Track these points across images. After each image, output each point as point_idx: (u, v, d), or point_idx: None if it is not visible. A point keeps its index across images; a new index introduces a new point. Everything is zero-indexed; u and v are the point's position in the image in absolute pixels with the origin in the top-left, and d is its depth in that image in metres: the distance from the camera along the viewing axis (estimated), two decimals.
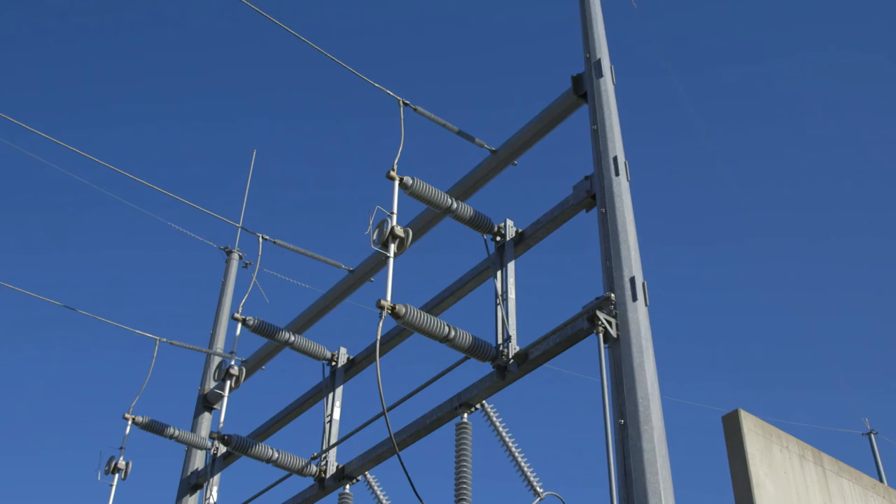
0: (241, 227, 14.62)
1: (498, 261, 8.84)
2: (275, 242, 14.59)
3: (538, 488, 8.36)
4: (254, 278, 11.69)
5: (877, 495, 10.49)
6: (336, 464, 9.88)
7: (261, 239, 13.37)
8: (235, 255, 16.29)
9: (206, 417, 13.63)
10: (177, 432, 12.01)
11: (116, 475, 11.63)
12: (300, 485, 10.37)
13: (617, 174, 8.28)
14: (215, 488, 11.82)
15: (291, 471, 9.90)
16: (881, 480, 16.87)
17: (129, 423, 11.83)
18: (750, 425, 9.36)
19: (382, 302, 7.53)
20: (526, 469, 8.37)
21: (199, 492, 12.88)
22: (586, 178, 8.49)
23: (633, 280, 7.72)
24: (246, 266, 16.55)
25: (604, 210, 8.13)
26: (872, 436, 20.94)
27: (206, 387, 13.99)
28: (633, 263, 7.85)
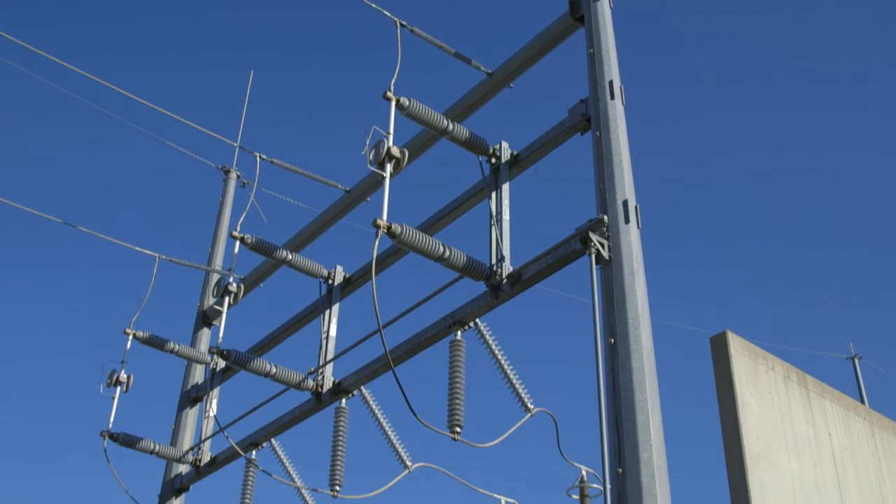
0: (239, 147, 14.69)
1: (493, 182, 8.95)
2: (272, 162, 14.66)
3: (529, 404, 8.60)
4: (251, 197, 11.78)
5: (858, 417, 10.77)
6: (332, 379, 10.11)
7: (258, 158, 13.45)
8: (233, 175, 16.38)
9: (206, 333, 13.86)
10: (177, 347, 12.23)
11: (118, 388, 11.85)
12: (297, 399, 10.63)
13: (612, 98, 8.35)
14: (215, 401, 12.10)
15: (289, 385, 10.13)
16: (863, 403, 17.22)
17: (130, 337, 12.02)
18: (737, 347, 9.58)
19: (378, 221, 7.65)
20: (517, 386, 8.59)
21: (198, 405, 13.17)
22: (581, 101, 8.56)
23: (625, 203, 7.85)
24: (244, 186, 16.66)
25: (598, 133, 8.22)
26: (856, 360, 21.27)
27: (205, 303, 14.19)
28: (626, 186, 7.97)
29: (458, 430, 8.27)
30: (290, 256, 10.75)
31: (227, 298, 11.05)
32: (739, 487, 9.08)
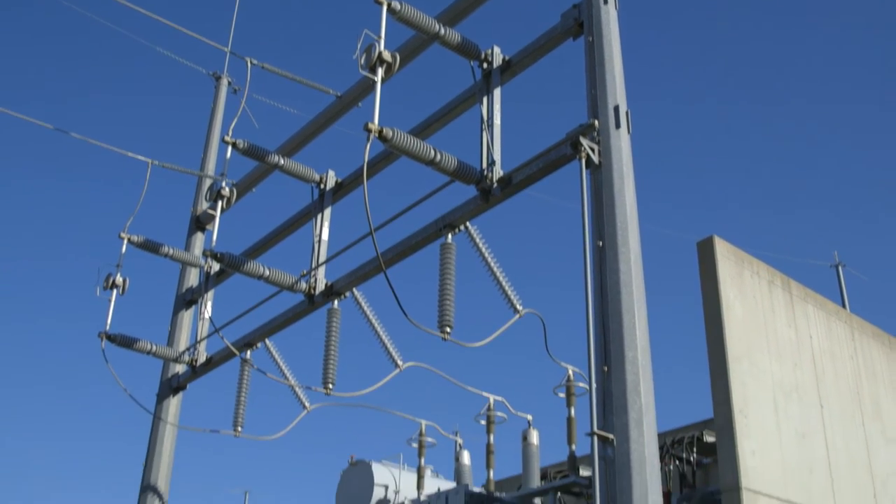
0: (230, 52, 14.64)
1: (484, 87, 8.99)
2: (263, 67, 14.63)
3: (518, 306, 8.79)
4: (243, 103, 11.78)
5: (839, 321, 11.01)
6: (325, 281, 10.28)
7: (249, 63, 13.42)
8: (224, 81, 16.32)
9: (199, 237, 13.99)
10: (171, 251, 12.37)
11: (114, 291, 12.01)
12: (290, 301, 10.82)
13: (605, 2, 8.36)
14: (209, 303, 12.29)
15: (282, 287, 10.31)
16: (844, 308, 17.49)
17: (125, 242, 12.14)
18: (723, 251, 9.76)
19: (370, 125, 7.71)
20: (507, 287, 8.77)
21: (193, 307, 13.38)
22: (574, 6, 8.55)
23: (616, 108, 7.91)
24: (235, 92, 16.62)
25: (591, 38, 8.24)
26: (839, 268, 21.54)
27: (199, 208, 14.29)
28: (617, 92, 8.03)
29: (448, 330, 8.46)
30: (281, 161, 10.82)
31: (219, 203, 11.15)
32: (721, 387, 9.35)
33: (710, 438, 11.35)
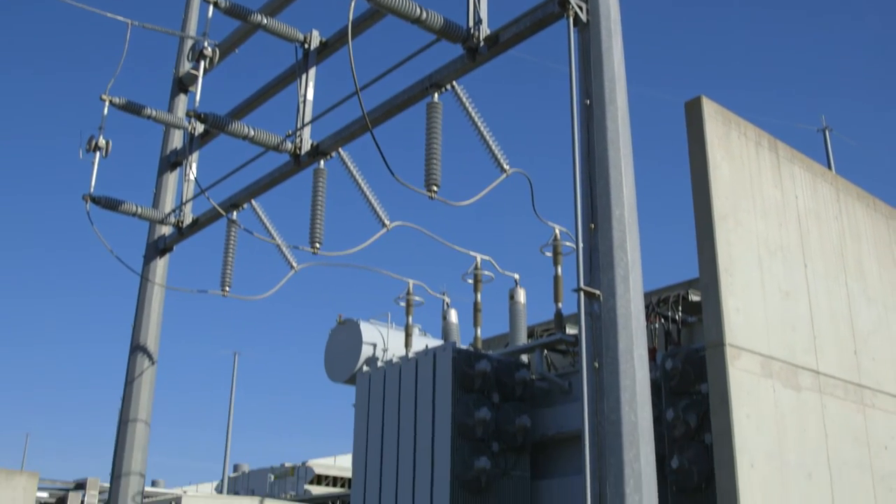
0: None
1: None
2: None
3: (505, 165, 8.76)
4: None
5: (825, 182, 11.02)
6: (311, 141, 10.20)
7: None
8: None
9: (182, 99, 13.80)
10: (154, 112, 12.20)
11: (97, 153, 11.90)
12: (276, 161, 10.75)
13: None
14: (194, 165, 12.22)
15: (267, 147, 10.22)
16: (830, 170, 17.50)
17: (107, 103, 11.96)
18: (711, 111, 9.68)
19: None
20: (494, 147, 8.72)
21: (178, 169, 13.29)
22: None
23: None
24: None
25: None
26: (827, 132, 21.47)
27: (181, 70, 14.05)
28: None
29: (434, 188, 8.44)
30: (264, 21, 10.58)
31: (202, 63, 10.93)
32: (707, 246, 9.41)
33: (695, 297, 11.49)
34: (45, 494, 43.82)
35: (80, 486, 44.86)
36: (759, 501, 9.19)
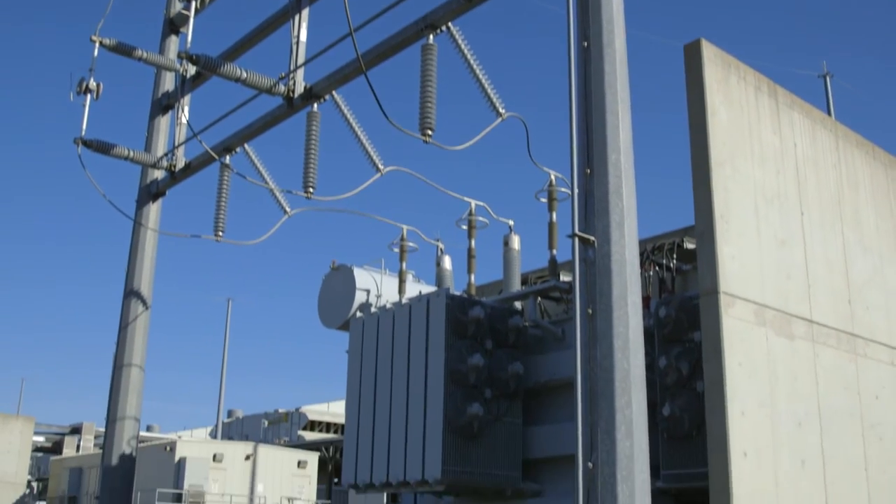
0: None
1: None
2: None
3: (501, 109, 8.65)
4: None
5: (824, 129, 10.92)
6: (304, 84, 10.07)
7: None
8: None
9: (173, 41, 13.62)
10: (145, 54, 12.04)
11: (88, 95, 11.77)
12: (269, 105, 10.63)
13: None
14: (186, 108, 12.08)
15: (260, 90, 10.09)
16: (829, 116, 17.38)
17: (97, 45, 11.80)
18: (710, 55, 9.55)
19: None
20: (489, 90, 8.61)
21: (170, 112, 13.16)
22: None
23: None
24: None
25: None
26: (827, 78, 21.27)
27: (172, 10, 13.86)
28: None
29: (429, 132, 8.35)
30: None
31: (193, 2, 10.79)
32: (703, 192, 9.33)
33: (690, 245, 11.44)
34: (41, 438, 44.18)
35: (76, 430, 45.24)
36: (750, 449, 9.21)
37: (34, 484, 42.17)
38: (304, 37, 10.39)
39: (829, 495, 10.02)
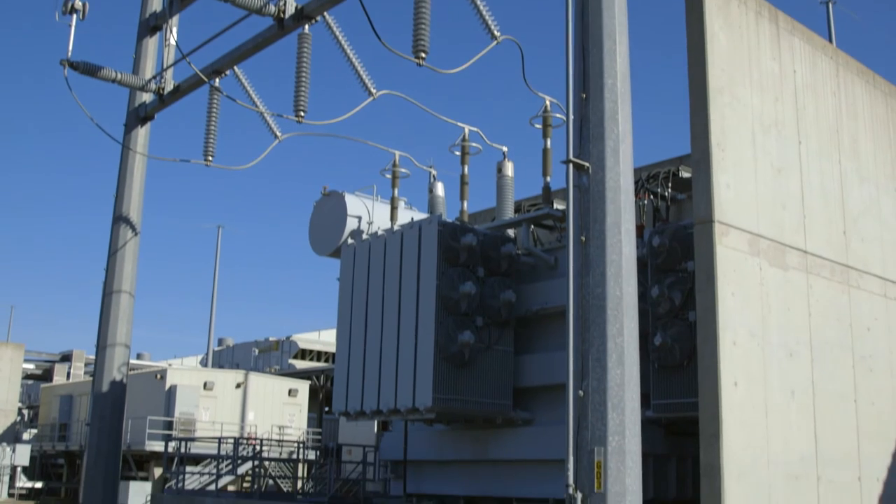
0: None
1: None
2: None
3: (496, 32, 8.45)
4: None
5: (825, 56, 10.74)
6: (295, 4, 9.85)
7: None
8: None
9: None
10: None
11: (74, 15, 11.53)
12: (260, 26, 10.41)
13: None
14: (174, 29, 11.84)
15: (250, 10, 9.87)
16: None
17: None
18: None
19: None
20: (484, 12, 8.41)
21: (158, 34, 12.90)
22: None
23: None
24: None
25: None
26: (829, 4, 20.91)
27: None
28: None
29: (422, 55, 8.18)
30: None
31: None
32: (700, 119, 9.20)
33: (685, 174, 11.33)
34: (31, 366, 44.33)
35: (66, 358, 45.36)
36: (740, 378, 9.21)
37: (25, 411, 42.44)
38: None
39: (817, 426, 10.05)
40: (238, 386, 29.73)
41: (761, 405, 9.43)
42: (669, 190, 11.46)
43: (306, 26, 9.75)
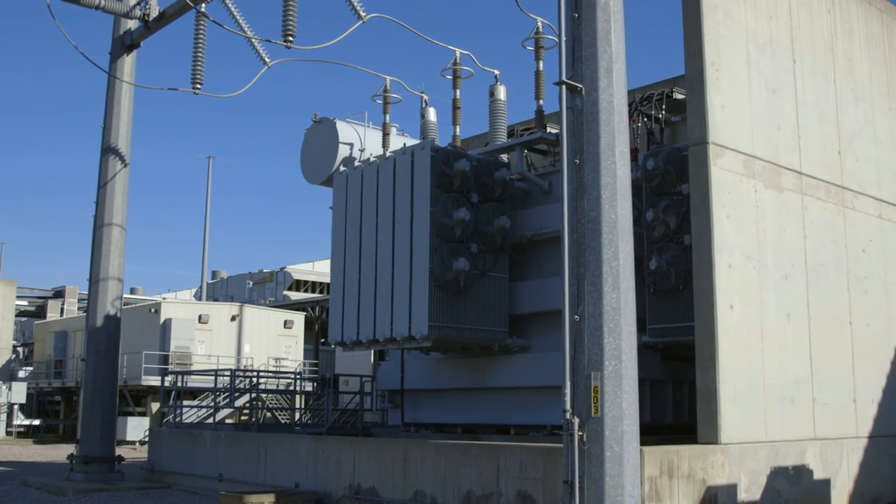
0: None
1: None
2: None
3: None
4: None
5: None
6: None
7: None
8: None
9: None
10: None
11: None
12: None
13: None
14: None
15: None
16: None
17: None
18: None
19: None
20: None
21: None
22: None
23: None
24: None
25: None
26: None
27: None
28: None
29: None
30: None
31: None
32: (694, 39, 9.05)
33: (679, 95, 11.20)
34: (24, 302, 44.25)
35: (59, 294, 45.29)
36: (736, 301, 9.20)
37: (20, 349, 42.46)
38: None
39: (813, 348, 10.07)
40: (233, 318, 29.76)
41: (757, 328, 9.44)
42: (664, 112, 11.34)
43: None
